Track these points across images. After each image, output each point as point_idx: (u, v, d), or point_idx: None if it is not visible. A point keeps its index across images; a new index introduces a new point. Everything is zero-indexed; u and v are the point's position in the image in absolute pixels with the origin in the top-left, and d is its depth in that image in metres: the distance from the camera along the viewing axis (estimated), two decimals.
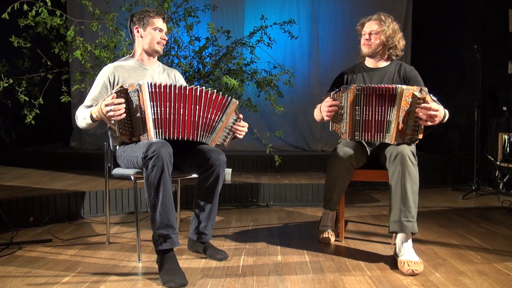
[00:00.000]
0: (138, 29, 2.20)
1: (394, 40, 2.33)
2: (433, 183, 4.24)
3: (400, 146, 2.09)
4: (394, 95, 2.08)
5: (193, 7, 3.63)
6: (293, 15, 4.97)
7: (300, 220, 2.96)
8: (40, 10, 3.17)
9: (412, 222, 2.04)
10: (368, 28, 2.35)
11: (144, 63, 2.26)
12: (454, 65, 4.62)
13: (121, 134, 1.95)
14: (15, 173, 3.81)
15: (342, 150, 2.23)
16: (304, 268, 1.99)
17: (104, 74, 2.16)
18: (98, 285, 1.78)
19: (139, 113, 1.94)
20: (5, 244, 2.27)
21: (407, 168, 2.05)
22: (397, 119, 2.08)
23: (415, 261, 1.94)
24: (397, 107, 2.07)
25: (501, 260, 2.08)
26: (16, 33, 3.40)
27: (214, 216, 2.17)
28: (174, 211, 1.91)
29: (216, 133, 2.08)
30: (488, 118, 4.14)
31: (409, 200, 2.04)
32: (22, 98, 3.44)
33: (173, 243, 1.88)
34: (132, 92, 1.93)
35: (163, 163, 1.85)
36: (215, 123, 2.07)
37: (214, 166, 2.06)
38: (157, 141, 1.91)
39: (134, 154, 2.02)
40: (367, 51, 2.37)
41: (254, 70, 3.80)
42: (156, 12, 2.22)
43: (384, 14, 2.35)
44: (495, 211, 3.19)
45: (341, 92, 2.17)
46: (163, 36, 2.23)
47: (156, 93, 1.97)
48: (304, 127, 5.24)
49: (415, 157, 2.09)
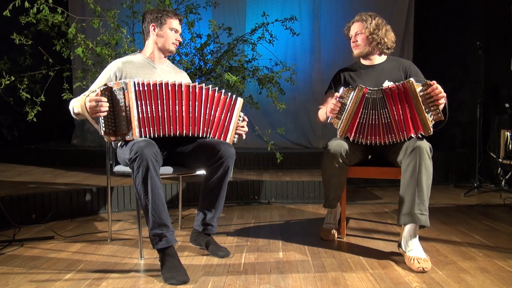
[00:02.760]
0: (154, 27, 2.21)
1: (380, 34, 2.34)
2: (435, 180, 4.15)
3: (418, 140, 2.08)
4: (406, 91, 2.09)
5: (195, 4, 3.63)
6: (295, 11, 4.96)
7: (301, 217, 2.96)
8: (42, 7, 3.17)
9: (426, 215, 2.03)
10: (353, 31, 2.40)
11: (155, 61, 2.26)
12: (456, 62, 4.60)
13: (105, 134, 1.92)
14: (17, 171, 3.82)
15: (331, 147, 2.20)
16: (305, 265, 1.99)
17: (112, 68, 2.15)
18: (100, 282, 1.78)
19: (124, 112, 1.91)
20: (8, 241, 2.27)
21: (424, 162, 2.03)
22: (422, 110, 2.07)
23: (424, 258, 1.94)
24: (417, 100, 2.07)
25: (503, 257, 2.08)
26: (18, 30, 3.40)
27: (221, 208, 2.17)
28: (166, 210, 1.88)
29: (230, 132, 2.16)
30: (490, 115, 4.13)
31: (424, 193, 2.03)
32: (24, 96, 3.45)
33: (168, 241, 1.86)
34: (118, 91, 1.91)
35: (147, 162, 1.82)
36: (226, 123, 2.14)
37: (224, 157, 2.06)
38: (139, 141, 1.87)
39: (124, 156, 2.02)
40: (357, 52, 2.41)
41: (256, 67, 3.79)
42: (174, 13, 2.25)
43: (365, 13, 2.39)
44: (497, 208, 3.19)
45: (350, 90, 2.17)
46: (178, 37, 2.26)
47: (143, 92, 1.95)
48: (306, 124, 5.23)
49: (431, 151, 2.08)
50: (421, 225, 2.04)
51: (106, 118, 1.90)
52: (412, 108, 2.10)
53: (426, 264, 1.92)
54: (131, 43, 3.38)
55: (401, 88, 2.10)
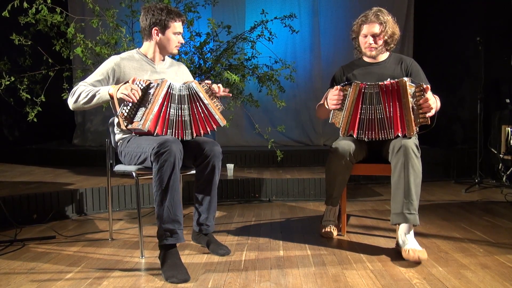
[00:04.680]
0: (157, 31, 2.15)
1: (395, 37, 2.34)
2: (436, 176, 4.22)
3: (403, 139, 2.09)
4: (397, 90, 2.09)
5: (194, 2, 3.62)
6: (294, 9, 4.95)
7: (302, 214, 2.97)
8: (40, 8, 3.17)
9: (414, 214, 2.05)
10: (370, 31, 2.30)
11: (155, 62, 2.24)
12: (456, 57, 4.58)
13: (121, 116, 1.95)
14: (18, 171, 3.83)
15: (339, 146, 2.22)
16: (306, 263, 2.00)
17: (110, 63, 2.13)
18: (101, 281, 1.79)
19: (148, 103, 1.96)
20: (9, 241, 2.28)
21: (410, 161, 2.05)
22: (409, 111, 2.07)
23: (419, 250, 1.96)
24: (405, 100, 2.07)
25: (503, 253, 2.08)
26: (17, 30, 3.40)
27: (215, 207, 2.18)
28: (181, 207, 1.93)
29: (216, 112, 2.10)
30: (491, 111, 4.11)
31: (412, 193, 2.04)
32: (24, 96, 3.45)
33: (178, 238, 1.89)
34: (153, 86, 1.98)
35: (174, 158, 1.86)
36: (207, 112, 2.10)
37: (209, 157, 2.08)
38: (169, 138, 1.93)
39: (140, 150, 2.02)
40: (372, 54, 2.35)
41: (255, 65, 3.79)
42: (177, 14, 2.16)
43: (381, 13, 2.30)
44: (498, 204, 3.18)
45: (347, 86, 2.18)
46: (181, 40, 2.22)
47: (170, 94, 2.00)
48: (307, 121, 5.23)
49: (418, 150, 2.09)
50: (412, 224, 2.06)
51: (133, 105, 1.96)
52: (401, 107, 2.10)
53: (422, 254, 1.94)
54: (131, 42, 3.38)
55: (394, 86, 2.10)
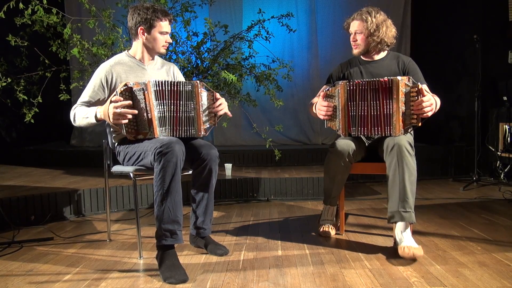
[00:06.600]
0: (143, 30, 2.12)
1: (379, 35, 2.30)
2: (434, 174, 4.23)
3: (397, 137, 2.09)
4: (390, 88, 2.08)
5: (190, 2, 3.61)
6: (291, 8, 4.94)
7: (300, 214, 2.97)
8: (36, 8, 3.16)
9: (410, 212, 2.05)
10: (352, 28, 2.36)
11: (144, 62, 2.23)
12: (454, 55, 4.59)
13: (127, 133, 1.97)
14: (16, 172, 3.82)
15: (339, 146, 2.22)
16: (304, 262, 2.00)
17: (101, 73, 2.12)
18: (99, 282, 1.79)
19: (145, 112, 1.95)
20: (7, 243, 2.28)
21: (404, 159, 2.05)
22: (398, 111, 2.07)
23: (415, 247, 1.96)
24: (396, 99, 2.07)
25: (501, 251, 2.08)
26: (13, 31, 3.39)
27: (211, 210, 2.18)
28: (181, 208, 1.92)
29: (196, 122, 2.04)
30: (488, 108, 4.12)
31: (407, 191, 2.05)
32: (21, 97, 3.44)
33: (177, 239, 1.89)
34: (138, 91, 1.95)
35: (177, 159, 1.86)
36: (189, 114, 2.04)
37: (206, 160, 2.08)
38: (172, 138, 1.92)
39: (141, 149, 2.01)
40: (357, 51, 2.39)
41: (253, 64, 3.79)
42: (164, 14, 2.12)
43: (366, 11, 2.32)
44: (496, 201, 3.18)
45: (334, 88, 2.18)
46: (168, 39, 2.18)
47: (161, 92, 1.98)
48: (304, 120, 5.23)
49: (412, 148, 2.10)
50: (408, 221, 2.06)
51: (128, 121, 1.94)
52: (392, 105, 2.09)
53: (417, 251, 1.94)
54: (127, 43, 3.37)
55: (389, 83, 2.09)
